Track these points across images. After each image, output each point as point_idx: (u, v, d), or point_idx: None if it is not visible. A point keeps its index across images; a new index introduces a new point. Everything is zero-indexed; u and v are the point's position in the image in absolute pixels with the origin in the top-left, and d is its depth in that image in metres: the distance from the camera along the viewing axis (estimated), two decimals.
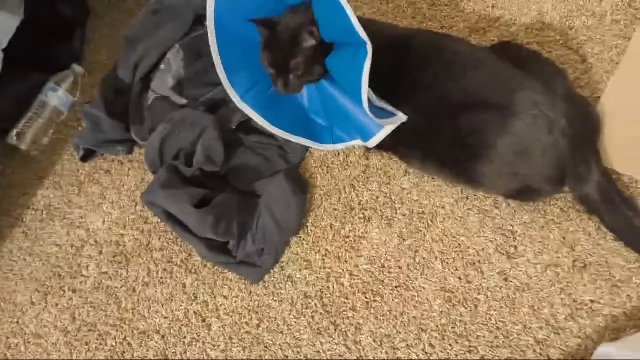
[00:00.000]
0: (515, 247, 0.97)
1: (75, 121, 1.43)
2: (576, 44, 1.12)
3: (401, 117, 0.99)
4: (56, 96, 1.41)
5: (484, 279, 0.96)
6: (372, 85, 0.95)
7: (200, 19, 1.37)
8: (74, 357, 1.11)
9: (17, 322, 1.19)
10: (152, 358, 1.06)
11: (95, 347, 1.11)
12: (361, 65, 0.90)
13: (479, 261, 0.98)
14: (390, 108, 1.00)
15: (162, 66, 1.32)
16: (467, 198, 1.04)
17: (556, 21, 1.15)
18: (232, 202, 1.08)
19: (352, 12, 0.89)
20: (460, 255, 0.99)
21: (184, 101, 1.25)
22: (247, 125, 1.18)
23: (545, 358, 0.87)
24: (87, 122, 1.29)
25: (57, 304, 1.19)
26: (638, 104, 1.01)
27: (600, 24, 1.12)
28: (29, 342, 1.16)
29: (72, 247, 1.25)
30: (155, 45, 1.32)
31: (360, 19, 0.91)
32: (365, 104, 0.93)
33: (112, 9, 1.58)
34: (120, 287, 1.16)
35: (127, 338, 1.10)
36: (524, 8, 1.19)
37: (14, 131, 1.38)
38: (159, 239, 1.19)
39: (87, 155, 1.33)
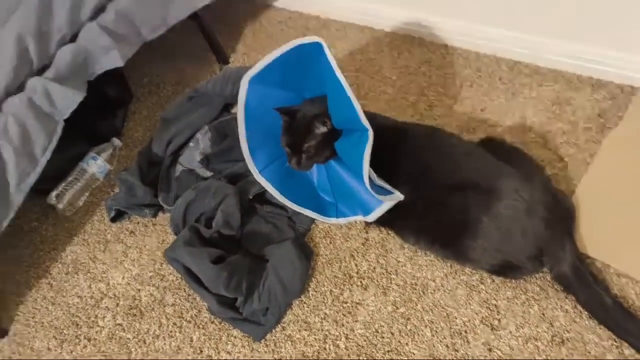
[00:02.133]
0: (499, 320, 1.07)
1: (108, 187, 1.59)
2: (554, 146, 1.28)
3: (398, 196, 1.14)
4: (96, 164, 1.58)
5: (470, 348, 1.04)
6: (373, 166, 1.11)
7: (228, 107, 1.59)
8: None
9: None
10: None
11: None
12: (364, 148, 1.06)
13: (466, 331, 1.07)
14: (389, 187, 1.15)
15: (191, 144, 1.51)
16: (456, 273, 1.15)
17: (536, 125, 1.33)
18: (244, 262, 1.20)
19: (358, 105, 1.07)
20: (449, 325, 1.08)
21: (209, 174, 1.42)
22: (262, 197, 1.34)
23: None
24: (122, 186, 1.45)
25: (71, 351, 1.26)
26: (608, 198, 1.15)
27: (575, 130, 1.30)
28: None
29: (92, 299, 1.35)
30: (187, 126, 1.52)
31: (365, 113, 1.09)
32: (366, 180, 1.08)
33: (151, 95, 1.81)
34: (132, 339, 1.24)
35: None
36: (508, 113, 1.38)
37: (55, 192, 1.54)
38: (173, 295, 1.29)
39: (117, 217, 1.48)
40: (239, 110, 1.22)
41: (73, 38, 1.33)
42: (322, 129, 1.19)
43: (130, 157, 1.62)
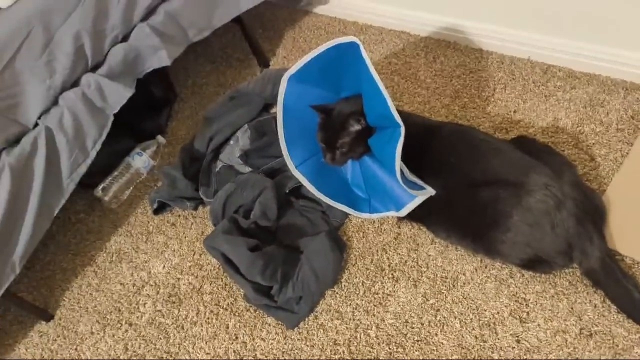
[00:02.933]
0: (528, 313, 1.08)
1: (152, 182, 1.67)
2: (586, 146, 1.30)
3: (430, 191, 1.17)
4: (140, 160, 1.67)
5: (498, 339, 1.06)
6: (406, 162, 1.15)
7: (267, 107, 1.66)
8: None
9: (76, 349, 1.34)
10: None
11: None
12: (396, 143, 1.10)
13: (494, 323, 1.09)
14: (420, 182, 1.18)
15: (231, 142, 1.58)
16: (486, 267, 1.17)
17: (569, 126, 1.35)
18: (279, 253, 1.25)
19: (392, 102, 1.11)
20: (477, 317, 1.10)
21: (247, 169, 1.48)
22: (298, 192, 1.39)
23: None
24: (166, 180, 1.53)
25: (113, 335, 1.33)
26: (638, 197, 1.15)
27: (607, 131, 1.31)
28: None
29: (133, 287, 1.42)
30: (228, 124, 1.59)
31: (400, 112, 1.13)
32: (398, 174, 1.12)
33: (195, 95, 1.90)
34: (171, 324, 1.31)
35: None
36: (541, 114, 1.40)
37: (101, 186, 1.63)
38: (210, 284, 1.35)
39: (159, 209, 1.56)
40: (278, 107, 1.28)
41: (125, 37, 1.42)
42: (357, 127, 1.23)
43: (173, 154, 1.71)
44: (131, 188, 1.67)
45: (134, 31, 1.41)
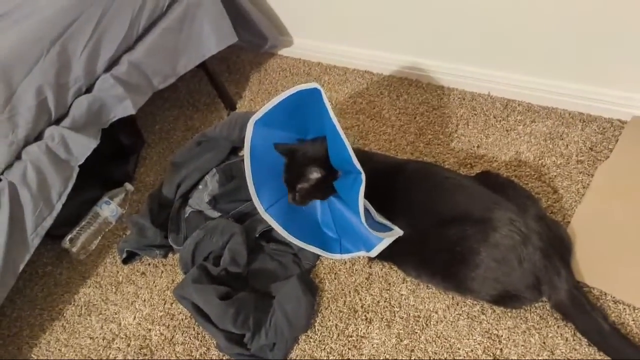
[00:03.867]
0: (501, 349, 1.08)
1: (121, 231, 1.65)
2: (548, 179, 1.33)
3: (398, 232, 1.18)
4: (108, 209, 1.65)
5: None
6: (374, 202, 1.16)
7: (235, 150, 1.67)
8: None
9: None
10: None
11: None
12: (358, 189, 1.11)
13: None
14: (388, 224, 1.19)
15: (200, 186, 1.58)
16: (457, 304, 1.17)
17: (531, 160, 1.38)
18: (250, 299, 1.24)
19: (351, 149, 1.11)
20: (452, 356, 1.10)
21: (217, 214, 1.47)
22: (268, 235, 1.39)
23: None
24: (134, 228, 1.51)
25: None
26: (602, 227, 1.18)
27: (568, 163, 1.35)
28: None
29: (104, 340, 1.38)
30: (196, 169, 1.59)
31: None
32: (363, 220, 1.12)
33: (162, 141, 1.89)
34: None
35: None
36: (503, 148, 1.44)
37: (69, 237, 1.60)
38: (182, 334, 1.32)
39: (128, 259, 1.53)
40: (245, 151, 1.28)
41: (89, 89, 1.42)
42: (315, 175, 1.24)
43: (142, 200, 1.69)
44: (99, 238, 1.64)
45: (97, 82, 1.41)
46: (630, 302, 1.06)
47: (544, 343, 1.07)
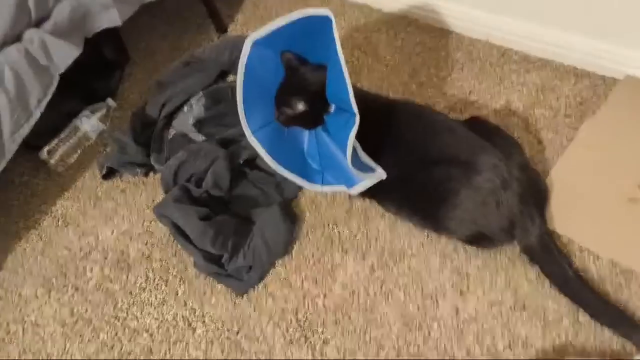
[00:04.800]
0: (468, 286, 1.13)
1: (101, 146, 1.62)
2: (535, 129, 1.34)
3: (381, 174, 1.17)
4: (89, 123, 1.61)
5: (439, 309, 1.11)
6: (362, 138, 1.15)
7: (223, 75, 1.63)
8: (67, 347, 1.22)
9: (20, 311, 1.30)
10: (139, 353, 1.17)
11: (88, 339, 1.22)
12: (349, 131, 1.10)
13: (436, 295, 1.13)
14: (373, 164, 1.19)
15: (185, 109, 1.55)
16: (431, 242, 1.21)
17: (520, 109, 1.39)
18: (230, 222, 1.25)
19: (351, 91, 1.09)
20: (421, 289, 1.15)
21: (201, 138, 1.46)
22: (252, 163, 1.38)
23: None
24: (116, 145, 1.49)
25: (59, 299, 1.30)
26: (578, 180, 1.22)
27: (556, 116, 1.36)
28: (27, 330, 1.27)
29: (80, 252, 1.39)
30: (182, 90, 1.55)
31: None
32: (349, 162, 1.11)
33: (148, 59, 1.83)
34: (119, 290, 1.29)
35: (119, 334, 1.22)
36: (495, 96, 1.44)
37: (46, 148, 1.56)
38: (160, 251, 1.33)
39: (108, 175, 1.51)
40: (239, 70, 1.23)
41: None
42: (300, 108, 1.22)
43: (124, 118, 1.65)
44: (79, 152, 1.61)
45: None
46: (595, 251, 1.11)
47: (509, 283, 1.12)
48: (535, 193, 1.14)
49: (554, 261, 1.08)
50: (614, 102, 1.32)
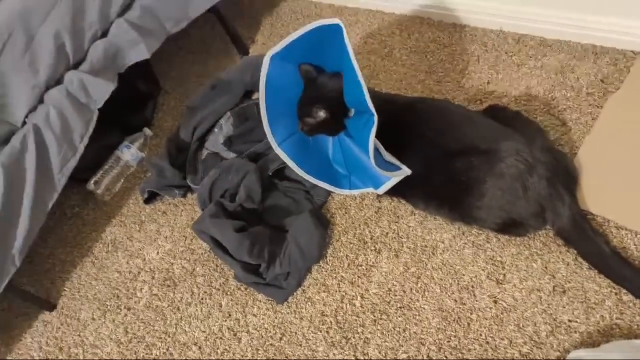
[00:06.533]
0: (504, 275, 1.13)
1: (142, 174, 1.72)
2: (557, 112, 1.33)
3: (406, 171, 1.20)
4: (129, 152, 1.71)
5: (476, 301, 1.11)
6: (385, 138, 1.18)
7: (248, 94, 1.70)
8: None
9: (79, 335, 1.40)
10: None
11: (143, 356, 1.29)
12: (369, 132, 1.13)
13: (472, 286, 1.13)
14: (397, 162, 1.22)
15: (215, 129, 1.62)
16: (463, 234, 1.21)
17: (541, 94, 1.38)
18: (265, 232, 1.30)
19: (367, 91, 1.13)
20: (457, 281, 1.15)
21: (232, 155, 1.52)
22: (282, 174, 1.44)
23: None
24: (154, 170, 1.57)
25: (114, 320, 1.39)
26: (609, 157, 1.19)
27: (578, 95, 1.34)
28: (87, 351, 1.36)
29: (130, 273, 1.47)
30: (211, 112, 1.63)
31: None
32: (372, 161, 1.15)
33: (178, 87, 1.93)
34: (167, 307, 1.36)
35: (170, 349, 1.28)
36: (514, 83, 1.43)
37: (93, 179, 1.68)
38: (203, 266, 1.40)
39: (150, 199, 1.60)
40: (261, 84, 1.28)
41: (104, 34, 1.45)
42: (322, 115, 1.26)
43: (161, 145, 1.75)
44: (122, 180, 1.71)
45: (112, 27, 1.45)
46: (632, 228, 1.08)
47: (546, 268, 1.10)
48: (563, 174, 1.13)
49: (589, 241, 1.06)
50: (637, 76, 1.29)
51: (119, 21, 1.45)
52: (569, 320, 1.03)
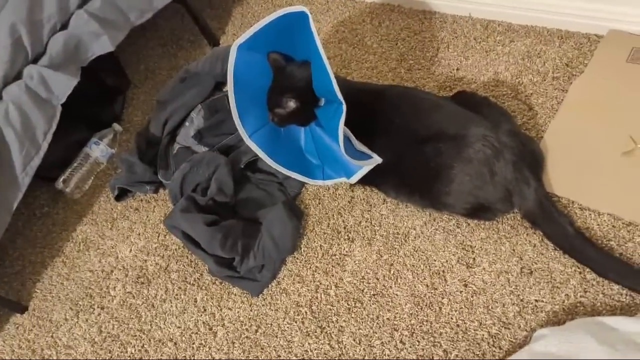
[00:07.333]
0: (474, 258, 1.15)
1: (112, 170, 1.69)
2: (524, 96, 1.35)
3: (377, 160, 1.20)
4: (98, 149, 1.68)
5: (447, 285, 1.13)
6: (355, 127, 1.18)
7: (219, 86, 1.67)
8: None
9: (52, 336, 1.38)
10: None
11: (118, 355, 1.28)
12: (338, 120, 1.13)
13: (444, 271, 1.15)
14: (368, 151, 1.22)
15: (186, 123, 1.60)
16: (434, 220, 1.23)
17: (508, 79, 1.40)
18: (238, 225, 1.29)
19: (334, 79, 1.12)
20: (428, 267, 1.17)
21: (203, 148, 1.51)
22: (254, 166, 1.43)
23: (498, 349, 1.02)
24: (123, 166, 1.55)
25: (87, 320, 1.37)
26: (573, 141, 1.22)
27: (544, 80, 1.36)
28: (60, 352, 1.34)
29: (102, 272, 1.45)
30: (181, 106, 1.60)
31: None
32: (342, 149, 1.14)
33: (148, 80, 1.90)
34: (142, 304, 1.35)
35: (145, 346, 1.27)
36: (482, 70, 1.44)
37: (61, 178, 1.64)
38: (177, 262, 1.39)
39: (121, 196, 1.58)
40: (229, 76, 1.27)
41: (64, 26, 1.41)
42: (292, 106, 1.25)
43: (131, 140, 1.72)
44: (92, 177, 1.68)
45: (72, 19, 1.40)
46: (595, 208, 1.11)
47: (514, 250, 1.12)
48: (529, 158, 1.14)
49: (554, 222, 1.08)
50: (600, 59, 1.31)
51: (79, 12, 1.41)
52: (536, 300, 1.05)
